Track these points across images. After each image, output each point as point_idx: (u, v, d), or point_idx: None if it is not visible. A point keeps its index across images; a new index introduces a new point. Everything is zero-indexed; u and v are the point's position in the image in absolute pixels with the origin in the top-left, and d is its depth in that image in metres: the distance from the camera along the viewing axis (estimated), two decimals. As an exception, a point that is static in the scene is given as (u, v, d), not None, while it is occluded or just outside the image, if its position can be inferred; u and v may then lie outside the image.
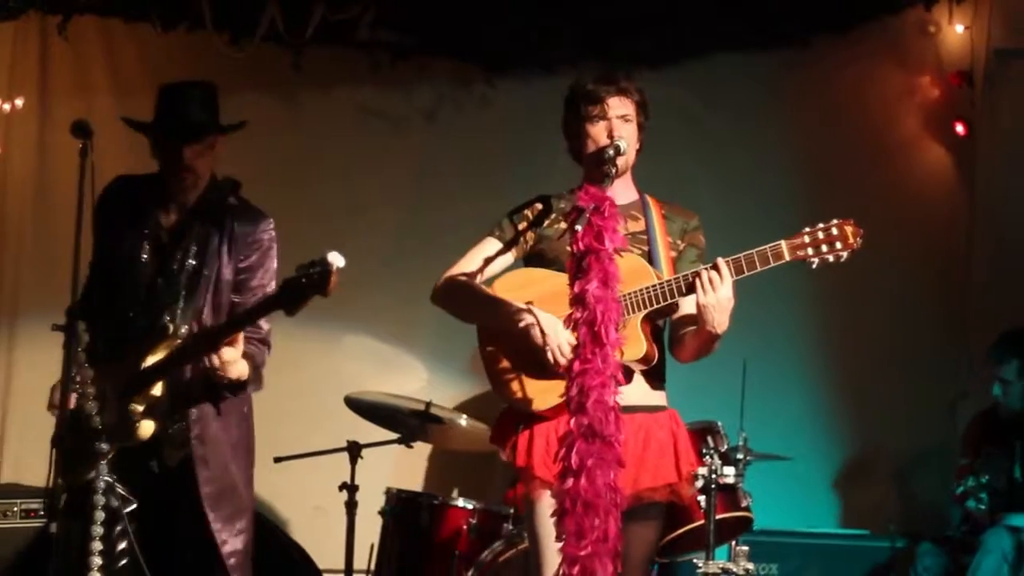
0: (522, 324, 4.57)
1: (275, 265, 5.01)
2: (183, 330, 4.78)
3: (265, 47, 7.78)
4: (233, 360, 4.67)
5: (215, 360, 4.63)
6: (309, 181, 8.07)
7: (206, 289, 4.85)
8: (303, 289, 4.29)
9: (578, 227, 4.30)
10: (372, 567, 6.87)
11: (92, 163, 4.60)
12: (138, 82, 7.99)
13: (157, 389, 4.74)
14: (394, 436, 6.88)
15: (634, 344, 4.52)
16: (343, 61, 8.19)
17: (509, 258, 4.85)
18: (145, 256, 4.88)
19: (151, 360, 4.72)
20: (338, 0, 7.68)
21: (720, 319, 4.44)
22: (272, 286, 4.93)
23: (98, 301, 4.91)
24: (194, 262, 4.86)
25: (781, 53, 8.22)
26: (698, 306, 4.44)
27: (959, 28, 8.07)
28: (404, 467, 7.88)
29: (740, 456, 6.34)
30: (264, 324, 4.92)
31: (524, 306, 4.61)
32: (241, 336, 4.67)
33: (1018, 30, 7.94)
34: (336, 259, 4.25)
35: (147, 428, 4.71)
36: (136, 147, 5.17)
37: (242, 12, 7.69)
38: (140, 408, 4.72)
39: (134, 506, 4.69)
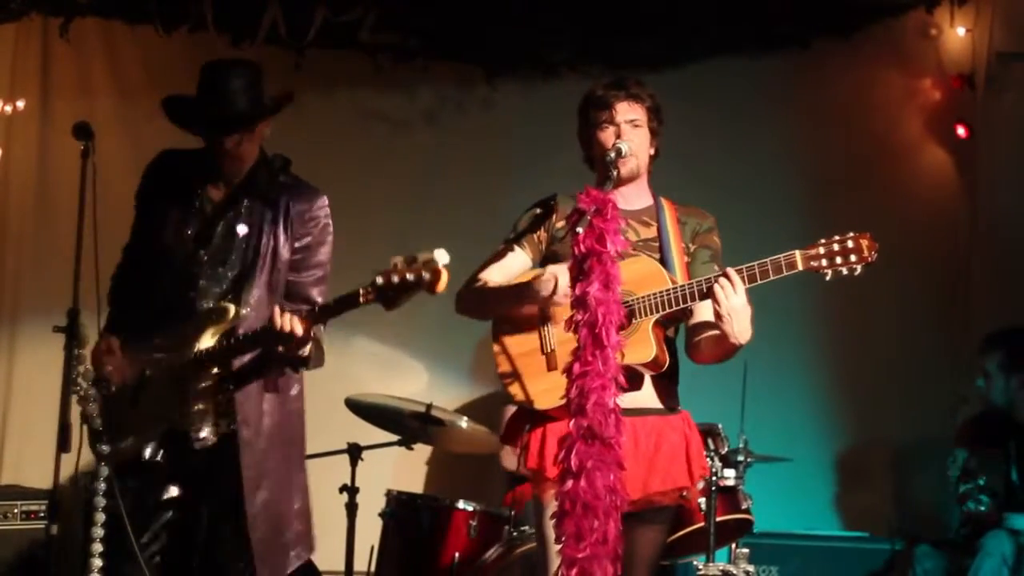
0: (538, 281, 4.54)
1: (331, 241, 4.95)
2: (244, 311, 4.72)
3: (267, 49, 7.77)
4: (308, 339, 4.61)
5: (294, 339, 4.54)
6: (310, 183, 8.06)
7: (261, 267, 4.78)
8: (412, 287, 4.25)
9: (579, 229, 4.29)
10: (372, 569, 6.87)
11: (93, 165, 4.62)
12: (140, 84, 8.01)
13: (214, 371, 4.71)
14: (395, 438, 6.88)
15: (643, 347, 4.50)
16: (345, 63, 8.19)
17: (527, 260, 4.81)
18: (191, 231, 4.82)
19: (208, 340, 4.69)
20: (340, 2, 7.68)
21: (741, 328, 4.42)
22: (329, 264, 4.92)
23: (140, 279, 4.86)
24: (246, 239, 4.80)
25: (782, 56, 8.23)
26: (717, 318, 4.44)
27: (960, 31, 8.07)
28: (405, 469, 7.88)
29: (741, 458, 6.36)
30: (319, 299, 4.82)
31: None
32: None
33: (1020, 33, 7.94)
34: (442, 257, 4.24)
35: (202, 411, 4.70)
36: (139, 148, 5.18)
37: (244, 14, 7.69)
38: (197, 390, 4.70)
39: (175, 492, 4.76)
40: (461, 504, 6.63)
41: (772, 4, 7.99)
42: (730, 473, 6.28)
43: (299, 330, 4.52)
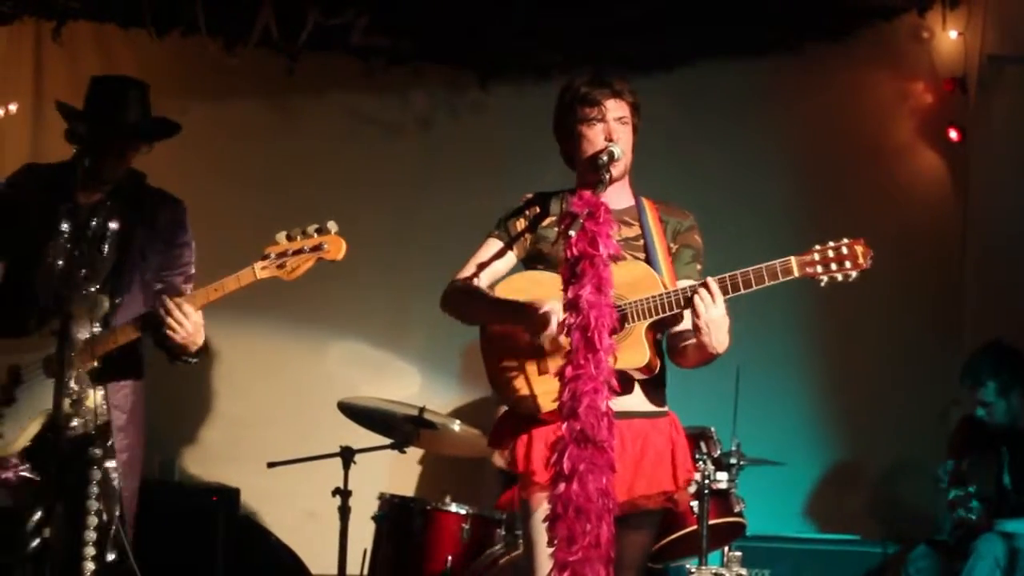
0: (536, 313, 4.51)
1: (194, 243, 5.21)
2: (117, 301, 4.93)
3: (259, 52, 7.77)
4: (200, 325, 4.81)
5: (186, 327, 4.76)
6: (302, 186, 8.06)
7: (133, 263, 5.01)
8: (304, 252, 4.64)
9: (572, 232, 4.29)
10: (365, 572, 6.86)
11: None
12: (132, 88, 7.99)
13: (89, 361, 4.87)
14: (387, 441, 6.86)
15: (637, 351, 4.50)
16: (337, 67, 8.20)
17: (512, 259, 4.80)
18: (65, 233, 4.98)
19: (82, 332, 4.85)
20: (332, 5, 7.67)
21: (718, 338, 4.41)
22: (194, 263, 5.19)
23: (10, 282, 5.04)
24: (117, 236, 5.02)
25: (774, 59, 8.23)
26: (695, 327, 4.44)
27: (952, 34, 8.07)
28: (397, 472, 7.88)
29: (733, 461, 6.35)
30: (187, 287, 5.08)
31: (526, 301, 4.59)
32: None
33: (1011, 36, 7.93)
34: (333, 226, 4.62)
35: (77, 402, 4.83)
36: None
37: (236, 18, 7.68)
38: (72, 380, 4.81)
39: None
40: (454, 507, 6.62)
41: (764, 7, 7.98)
42: (723, 476, 6.27)
43: (188, 313, 4.75)
